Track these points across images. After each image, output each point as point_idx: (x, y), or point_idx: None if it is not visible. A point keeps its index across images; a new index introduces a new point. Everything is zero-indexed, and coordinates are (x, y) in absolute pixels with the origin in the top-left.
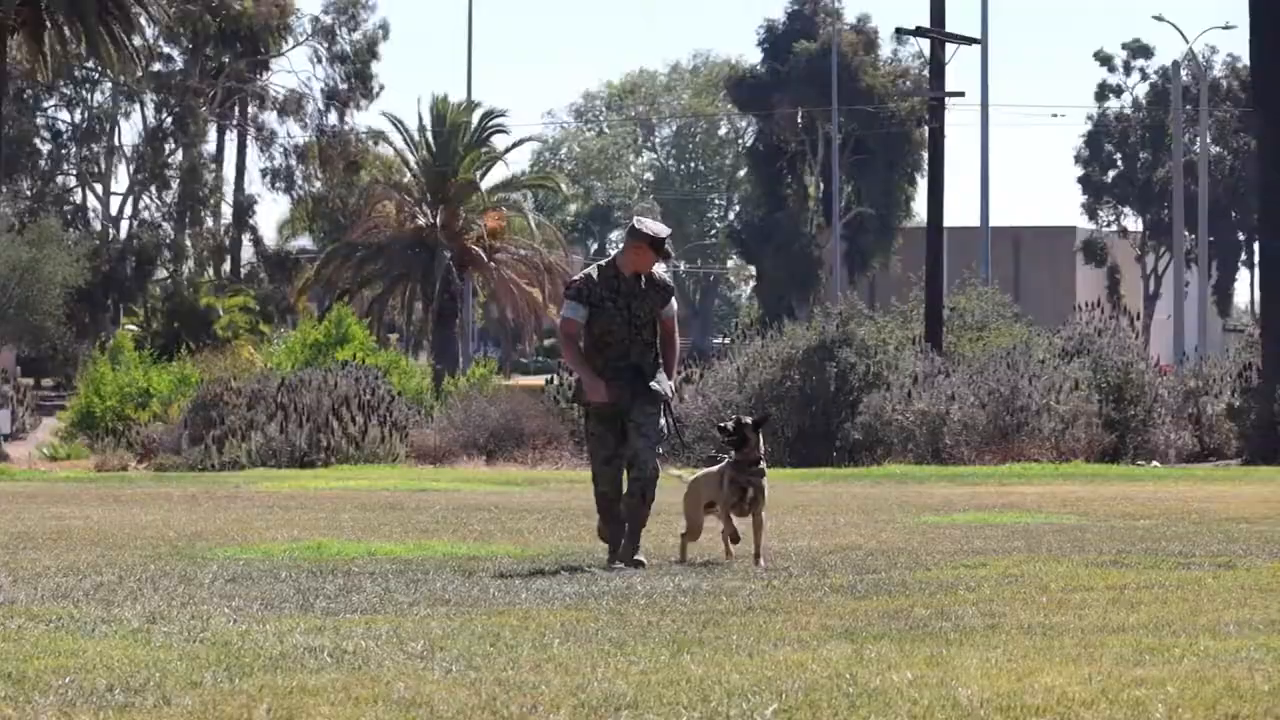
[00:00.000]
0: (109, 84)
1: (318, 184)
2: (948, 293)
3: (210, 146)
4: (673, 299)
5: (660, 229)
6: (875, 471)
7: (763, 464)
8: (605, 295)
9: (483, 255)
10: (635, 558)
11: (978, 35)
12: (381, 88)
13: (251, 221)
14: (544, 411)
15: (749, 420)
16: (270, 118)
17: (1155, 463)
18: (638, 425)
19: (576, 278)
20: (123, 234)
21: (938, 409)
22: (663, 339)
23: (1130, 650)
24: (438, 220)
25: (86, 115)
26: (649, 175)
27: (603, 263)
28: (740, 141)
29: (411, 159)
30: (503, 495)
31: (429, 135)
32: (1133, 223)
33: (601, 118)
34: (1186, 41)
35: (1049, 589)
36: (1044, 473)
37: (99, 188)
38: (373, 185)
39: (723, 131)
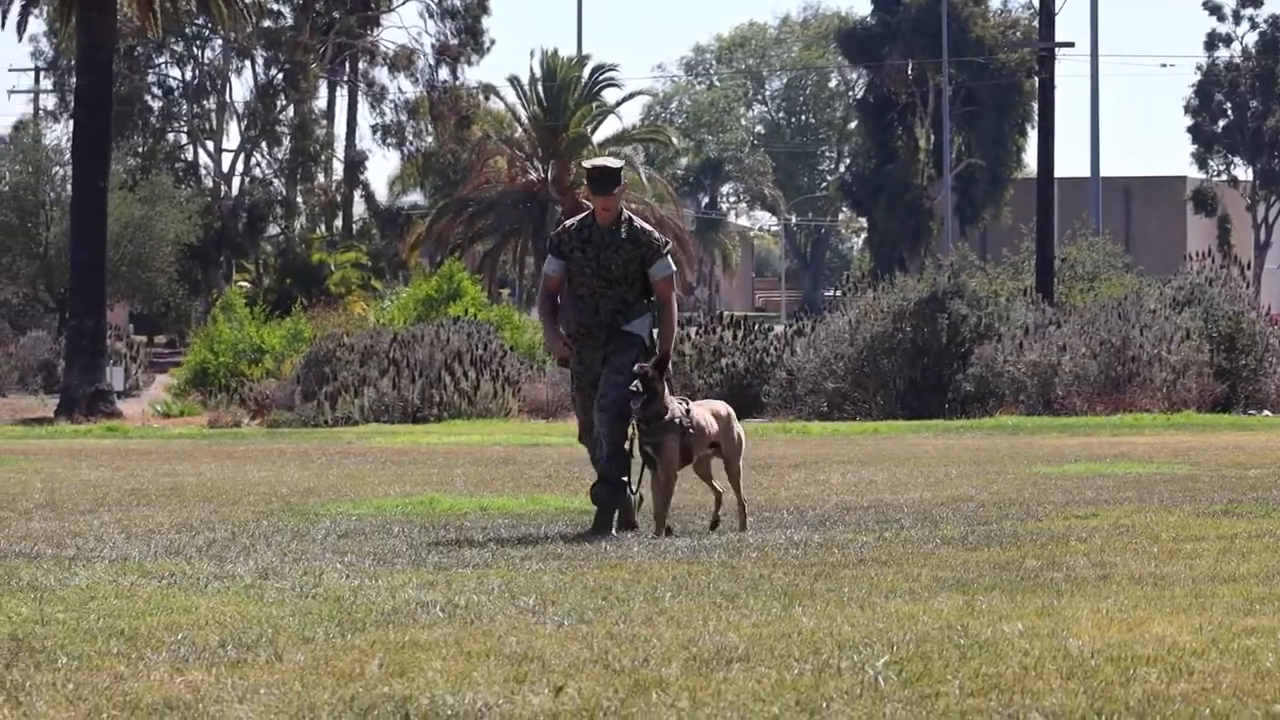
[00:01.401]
0: (219, 40)
1: (429, 139)
2: (1059, 243)
3: (321, 103)
4: (664, 257)
5: (600, 160)
6: (987, 423)
7: (671, 415)
8: (575, 245)
9: None
10: (614, 529)
11: None
12: (492, 43)
13: (363, 177)
14: None
15: (648, 367)
16: (381, 73)
17: (1266, 412)
18: (599, 398)
19: (557, 229)
20: (234, 190)
21: (1049, 360)
22: (658, 303)
23: (1241, 600)
24: (549, 175)
25: (197, 72)
26: (759, 128)
27: (585, 213)
28: (851, 94)
29: (522, 114)
30: None
31: (539, 89)
32: (1243, 172)
33: (712, 71)
34: None
35: (1160, 539)
36: (1155, 423)
37: (210, 144)
38: (484, 140)
39: (833, 84)
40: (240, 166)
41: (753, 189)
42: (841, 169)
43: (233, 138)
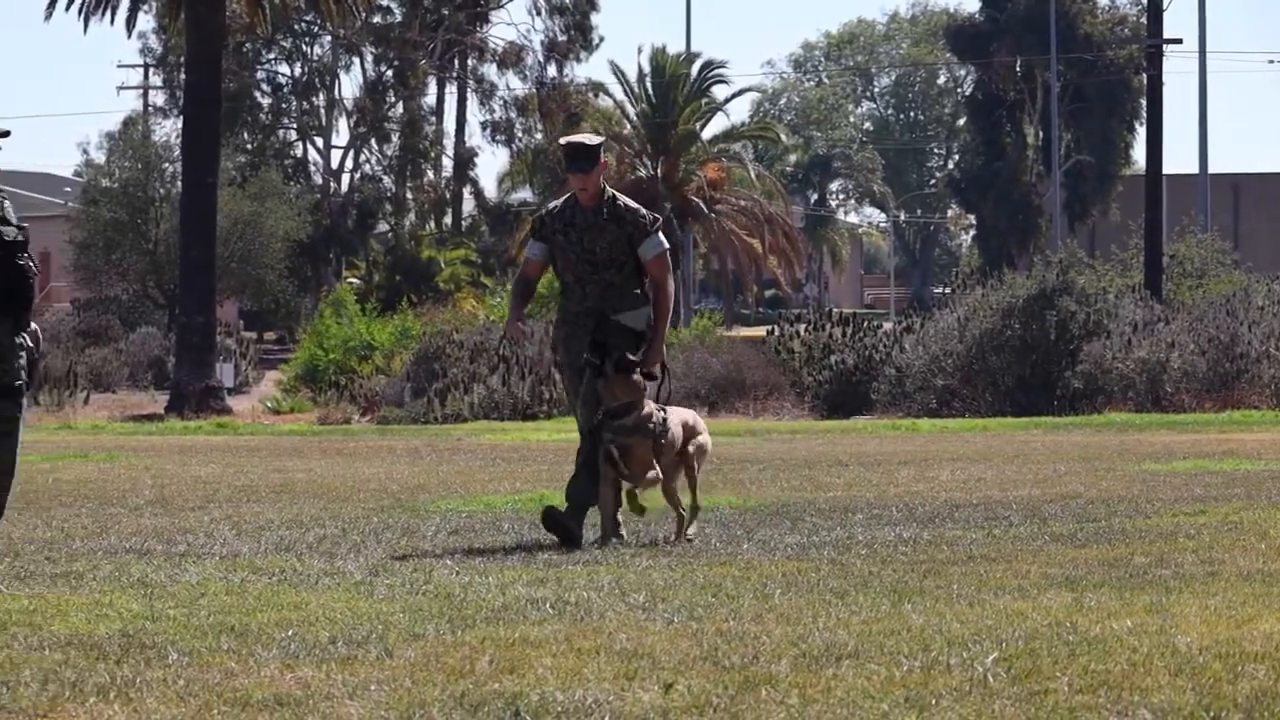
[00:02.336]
0: (328, 37)
1: (538, 136)
2: (1167, 240)
3: (430, 99)
4: (653, 235)
5: (577, 136)
6: (1095, 420)
7: (639, 414)
8: (558, 228)
9: (703, 206)
10: (619, 531)
11: None
12: (601, 39)
13: (472, 174)
14: (765, 363)
15: (616, 357)
16: (490, 70)
17: None
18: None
19: (539, 211)
20: (344, 187)
21: (1158, 357)
22: (651, 287)
23: None
24: (658, 171)
25: (306, 69)
26: (868, 125)
27: (569, 194)
28: (959, 90)
29: (631, 110)
30: (724, 446)
31: (648, 86)
32: None
33: (820, 68)
34: None
35: (1268, 536)
36: (1264, 420)
37: (319, 141)
38: None
39: (941, 80)
40: (350, 163)
41: (861, 186)
42: (950, 166)
43: (342, 134)
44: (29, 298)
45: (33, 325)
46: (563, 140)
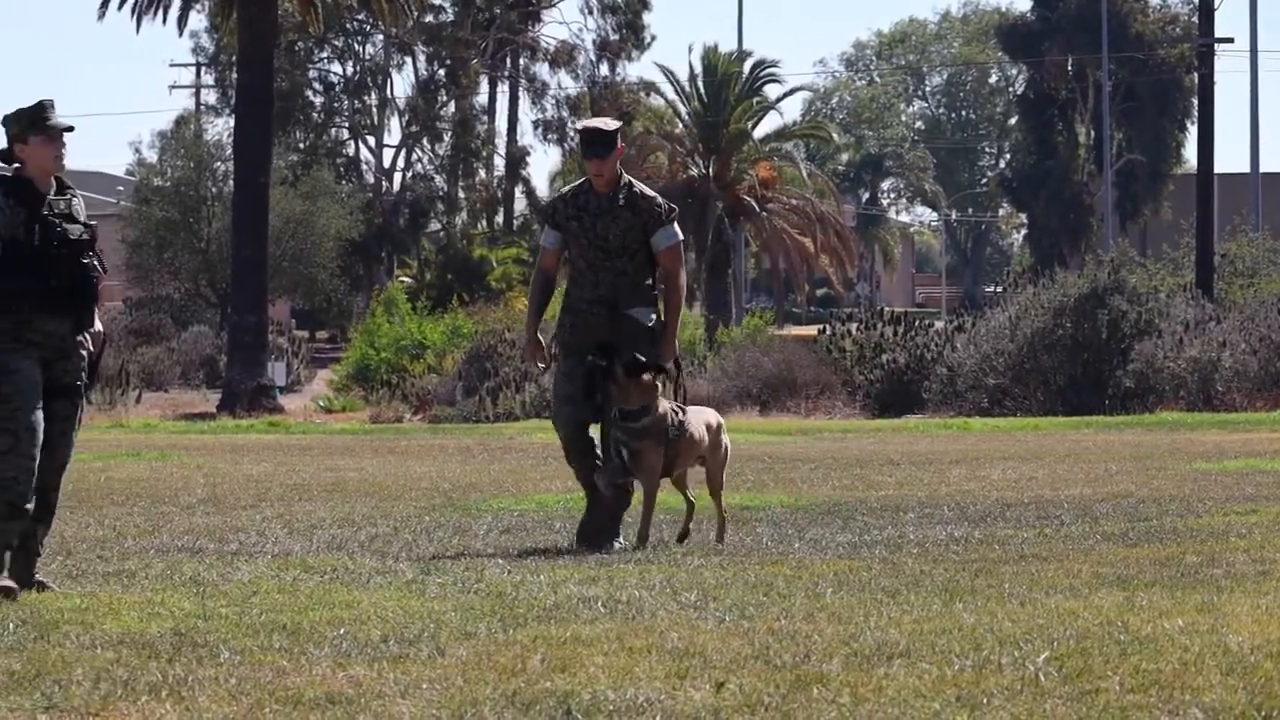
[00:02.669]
0: (380, 36)
1: None
2: (1218, 239)
3: (482, 98)
4: (667, 225)
5: (595, 121)
6: (1147, 419)
7: (654, 417)
8: (571, 214)
9: (754, 205)
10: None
11: None
12: (653, 38)
13: (524, 173)
14: (817, 361)
15: (625, 359)
16: (542, 69)
17: None
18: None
19: (552, 197)
20: (395, 186)
21: (1209, 356)
22: (662, 278)
23: None
24: (710, 170)
25: (358, 68)
26: (920, 124)
27: (582, 179)
28: (1011, 89)
29: (683, 109)
30: (776, 445)
31: (700, 85)
32: None
33: (872, 67)
34: None
35: None
36: None
37: (371, 140)
38: (644, 136)
39: (993, 80)
40: (401, 162)
41: (913, 185)
42: (1001, 165)
43: (394, 133)
44: (93, 297)
45: (97, 326)
46: (579, 125)
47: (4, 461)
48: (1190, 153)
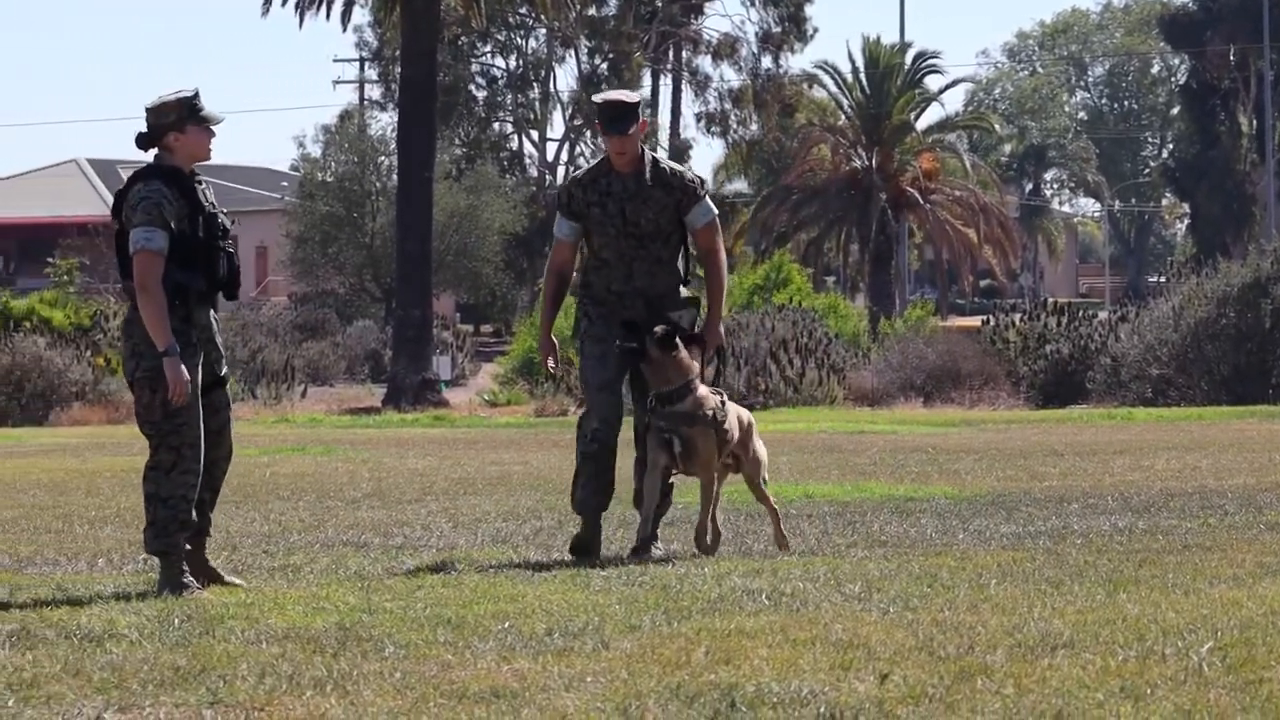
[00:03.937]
0: (542, 30)
1: (753, 127)
2: None
3: (645, 91)
4: (702, 200)
5: (614, 94)
6: None
7: (696, 397)
8: (592, 200)
9: (917, 197)
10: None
11: None
12: (815, 30)
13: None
14: (981, 352)
15: (658, 331)
16: (704, 62)
17: None
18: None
19: (564, 183)
20: (559, 180)
21: None
22: (701, 259)
23: None
24: (872, 162)
25: (521, 62)
26: (1082, 114)
27: (597, 160)
28: (1173, 79)
29: (845, 101)
30: (940, 436)
31: (862, 77)
32: None
33: (1034, 57)
34: None
35: None
36: None
37: (534, 134)
38: (807, 128)
39: (1155, 70)
40: (565, 156)
41: (1076, 175)
42: (1164, 155)
43: (557, 127)
44: (238, 286)
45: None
46: (598, 98)
47: (169, 480)
48: None
